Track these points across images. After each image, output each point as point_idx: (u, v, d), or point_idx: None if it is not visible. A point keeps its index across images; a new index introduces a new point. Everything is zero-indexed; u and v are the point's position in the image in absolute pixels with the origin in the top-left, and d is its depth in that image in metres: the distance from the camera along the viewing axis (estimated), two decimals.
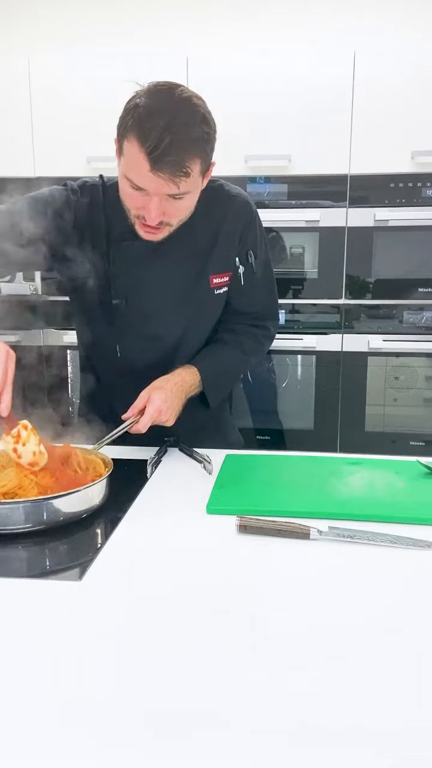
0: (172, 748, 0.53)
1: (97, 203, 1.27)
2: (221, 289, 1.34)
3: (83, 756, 0.53)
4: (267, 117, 2.45)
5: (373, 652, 0.66)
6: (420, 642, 0.68)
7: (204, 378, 1.31)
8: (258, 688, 0.61)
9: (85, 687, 0.61)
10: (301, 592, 0.79)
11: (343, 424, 2.60)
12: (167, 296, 1.30)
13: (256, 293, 1.39)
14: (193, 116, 1.07)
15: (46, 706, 0.58)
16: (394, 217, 2.45)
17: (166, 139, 1.03)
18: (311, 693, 0.60)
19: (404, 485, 1.09)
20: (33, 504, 0.94)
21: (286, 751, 0.53)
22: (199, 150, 1.08)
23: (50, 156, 2.57)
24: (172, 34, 2.82)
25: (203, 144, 1.09)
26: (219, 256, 1.31)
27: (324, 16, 2.77)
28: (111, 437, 1.16)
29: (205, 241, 1.30)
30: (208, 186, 1.30)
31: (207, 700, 0.59)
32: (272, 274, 1.44)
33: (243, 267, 1.35)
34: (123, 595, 0.78)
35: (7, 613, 0.74)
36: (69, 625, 0.71)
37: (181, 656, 0.65)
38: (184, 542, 0.92)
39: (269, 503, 1.02)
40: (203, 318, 1.36)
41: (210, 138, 1.11)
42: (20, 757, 0.53)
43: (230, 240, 1.32)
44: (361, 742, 0.54)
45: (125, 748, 0.53)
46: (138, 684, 0.61)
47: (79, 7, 2.89)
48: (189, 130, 1.06)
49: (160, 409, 1.18)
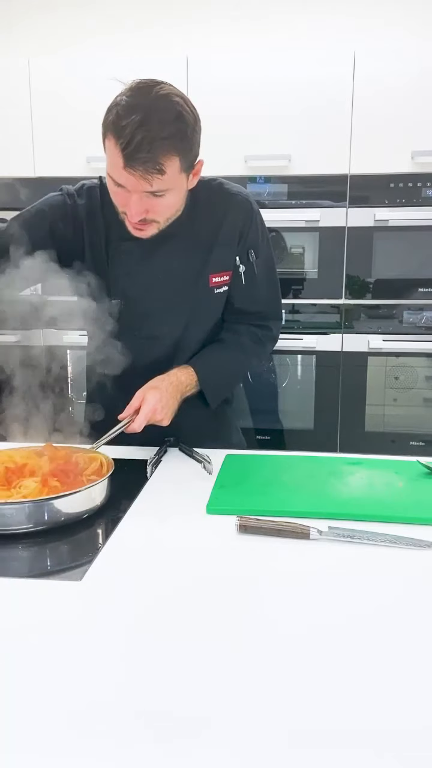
0: (172, 748, 0.53)
1: (95, 204, 1.28)
2: (221, 288, 1.34)
3: (83, 756, 0.53)
4: (267, 117, 2.45)
5: (374, 652, 0.66)
6: (420, 642, 0.68)
7: (201, 377, 1.31)
8: (258, 687, 0.61)
9: (86, 687, 0.61)
10: (301, 592, 0.79)
11: (343, 424, 2.60)
12: (165, 295, 1.30)
13: (258, 292, 1.38)
14: (168, 113, 1.06)
15: (46, 705, 0.58)
16: (394, 217, 2.45)
17: (138, 136, 1.03)
18: (311, 693, 0.60)
19: (404, 485, 1.09)
20: (34, 505, 0.94)
21: (286, 751, 0.53)
22: (173, 147, 1.06)
23: (50, 156, 2.57)
24: (172, 34, 2.82)
25: (178, 141, 1.07)
26: (218, 255, 1.31)
27: (324, 16, 2.77)
28: (108, 437, 1.16)
29: (205, 240, 1.30)
30: (208, 185, 1.30)
31: (207, 700, 0.59)
32: (275, 273, 1.43)
33: (244, 266, 1.34)
34: (123, 595, 0.78)
35: (7, 613, 0.74)
36: (69, 625, 0.71)
37: (181, 656, 0.66)
38: (184, 542, 0.92)
39: (269, 503, 1.02)
40: (202, 317, 1.36)
41: (186, 136, 1.09)
42: (21, 755, 0.53)
43: (230, 239, 1.31)
44: (361, 742, 0.54)
45: (125, 749, 0.53)
46: (138, 684, 0.61)
47: (79, 8, 2.89)
48: (163, 128, 1.04)
49: (154, 408, 1.19)
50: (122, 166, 1.06)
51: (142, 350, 1.32)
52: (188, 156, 1.12)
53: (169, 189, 1.11)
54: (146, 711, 0.58)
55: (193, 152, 1.13)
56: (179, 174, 1.11)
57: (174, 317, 1.32)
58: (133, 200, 1.11)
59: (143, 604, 0.76)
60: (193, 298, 1.31)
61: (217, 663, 0.65)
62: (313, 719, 0.57)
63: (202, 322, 1.36)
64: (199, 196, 1.28)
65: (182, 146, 1.08)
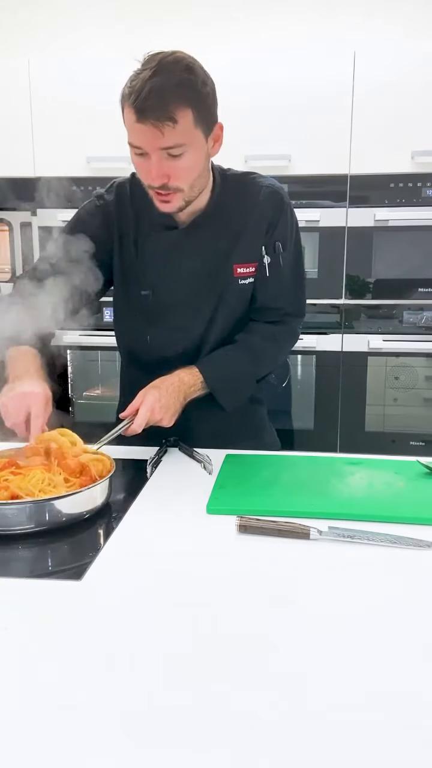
0: (172, 748, 0.54)
1: (124, 198, 1.30)
2: (246, 279, 1.32)
3: (84, 756, 0.53)
4: (267, 117, 2.45)
5: (374, 652, 0.66)
6: (420, 642, 0.68)
7: (207, 378, 1.29)
8: (258, 687, 0.61)
9: (86, 686, 0.61)
10: (301, 592, 0.79)
11: (343, 424, 2.60)
12: (191, 287, 1.31)
13: (282, 287, 1.35)
14: (177, 65, 1.08)
15: (46, 705, 0.58)
16: (394, 217, 2.45)
17: (146, 86, 1.05)
18: (311, 693, 0.60)
19: (404, 485, 1.10)
20: (35, 505, 0.94)
21: (286, 751, 0.53)
22: (182, 96, 1.07)
23: (50, 156, 2.57)
24: (172, 34, 2.81)
25: (187, 90, 1.08)
26: (245, 245, 1.30)
27: (324, 16, 2.77)
28: (109, 437, 1.16)
29: (233, 230, 1.29)
30: (242, 177, 1.32)
31: (207, 700, 0.59)
32: (302, 270, 1.40)
33: (270, 258, 1.31)
34: (123, 595, 0.78)
35: (8, 613, 0.74)
36: (70, 625, 0.71)
37: (181, 656, 0.66)
38: (184, 542, 0.92)
39: (269, 503, 1.02)
40: (228, 310, 1.33)
41: (196, 86, 1.09)
42: (20, 755, 0.53)
43: (258, 229, 1.29)
44: (361, 742, 0.54)
45: (126, 749, 0.53)
46: (139, 684, 0.61)
47: (79, 7, 2.89)
48: (170, 76, 1.06)
49: (152, 408, 1.18)
50: (135, 120, 1.07)
51: (170, 341, 1.32)
52: (202, 111, 1.11)
53: (185, 145, 1.10)
54: (146, 711, 0.58)
55: (209, 109, 1.13)
56: (194, 129, 1.11)
57: (200, 308, 1.32)
58: (153, 161, 1.11)
59: (143, 604, 0.76)
60: (218, 288, 1.31)
61: (217, 662, 0.65)
62: (313, 719, 0.57)
63: (229, 315, 1.34)
64: (230, 186, 1.29)
65: (193, 96, 1.09)
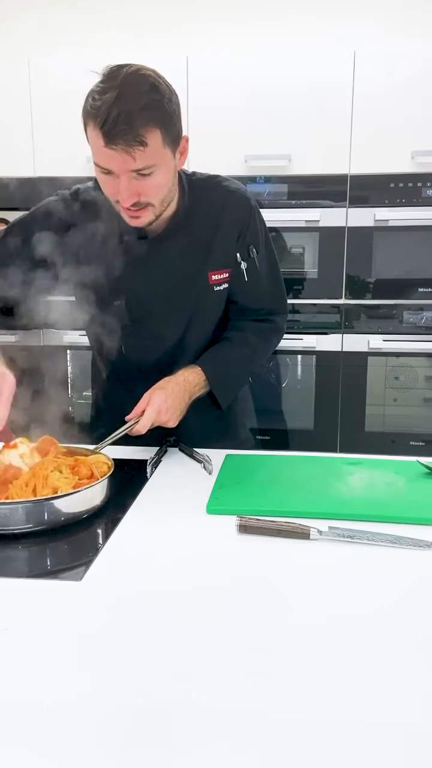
0: (172, 748, 0.54)
1: (91, 206, 1.26)
2: (221, 286, 1.33)
3: (84, 756, 0.53)
4: (267, 117, 2.45)
5: (374, 652, 0.66)
6: (420, 642, 0.68)
7: (209, 377, 1.30)
8: (258, 687, 0.61)
9: (86, 686, 0.61)
10: (301, 592, 0.79)
11: (343, 424, 2.60)
12: (165, 294, 1.30)
13: (262, 288, 1.38)
14: (140, 85, 1.06)
15: (46, 705, 0.58)
16: (394, 217, 2.45)
17: (113, 111, 1.02)
18: (311, 692, 0.60)
19: (404, 485, 1.09)
20: (34, 504, 0.94)
21: (286, 751, 0.53)
22: (151, 118, 1.05)
23: (50, 156, 2.57)
24: (172, 34, 2.82)
25: (155, 111, 1.06)
26: (218, 253, 1.30)
27: (324, 16, 2.77)
28: (113, 438, 1.16)
29: (204, 237, 1.29)
30: (207, 181, 1.30)
31: (207, 700, 0.59)
32: (278, 267, 1.42)
33: (245, 263, 1.33)
34: (123, 595, 0.78)
35: (8, 613, 0.74)
36: (70, 625, 0.71)
37: (181, 656, 0.66)
38: (184, 542, 0.92)
39: (269, 503, 1.02)
40: (204, 316, 1.35)
41: (162, 106, 1.08)
42: (20, 754, 0.53)
43: (229, 236, 1.30)
44: (361, 742, 0.54)
45: (125, 749, 0.53)
46: (139, 684, 0.61)
47: (79, 8, 2.89)
48: (137, 99, 1.04)
49: (159, 409, 1.18)
50: (103, 145, 1.05)
51: (146, 350, 1.32)
52: (169, 129, 1.10)
53: (155, 165, 1.09)
54: (147, 711, 0.58)
55: (175, 126, 1.12)
56: (163, 148, 1.09)
57: (176, 316, 1.32)
58: (122, 183, 1.09)
59: (143, 604, 0.76)
60: (193, 296, 1.31)
61: (217, 662, 0.65)
62: (312, 719, 0.57)
63: (205, 321, 1.36)
64: (197, 192, 1.28)
65: (160, 117, 1.07)
